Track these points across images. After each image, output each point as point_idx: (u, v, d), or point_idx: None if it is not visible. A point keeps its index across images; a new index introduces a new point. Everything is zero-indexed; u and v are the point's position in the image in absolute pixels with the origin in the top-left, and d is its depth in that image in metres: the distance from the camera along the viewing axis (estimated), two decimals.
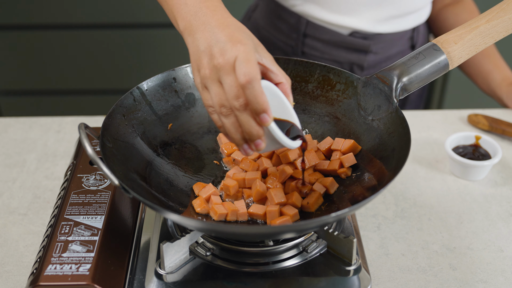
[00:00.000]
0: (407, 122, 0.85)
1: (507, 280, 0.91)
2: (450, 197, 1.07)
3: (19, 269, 0.92)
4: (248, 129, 0.75)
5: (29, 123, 1.26)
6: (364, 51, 1.32)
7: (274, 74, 0.79)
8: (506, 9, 0.90)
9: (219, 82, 0.75)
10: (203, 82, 0.76)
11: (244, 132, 0.76)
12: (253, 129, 0.75)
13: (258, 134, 0.76)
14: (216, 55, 0.74)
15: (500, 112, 1.28)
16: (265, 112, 0.73)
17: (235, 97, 0.73)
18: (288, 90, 0.80)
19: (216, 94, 0.75)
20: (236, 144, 0.78)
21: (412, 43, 1.38)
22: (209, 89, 0.76)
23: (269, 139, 0.78)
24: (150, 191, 0.86)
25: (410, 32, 1.36)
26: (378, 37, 1.31)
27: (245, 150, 0.78)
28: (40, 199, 1.06)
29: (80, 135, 0.80)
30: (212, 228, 0.80)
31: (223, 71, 0.73)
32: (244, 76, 0.71)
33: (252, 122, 0.75)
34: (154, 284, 0.82)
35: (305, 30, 1.32)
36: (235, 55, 0.73)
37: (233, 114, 0.75)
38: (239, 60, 0.72)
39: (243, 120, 0.75)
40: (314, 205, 0.87)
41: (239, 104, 0.73)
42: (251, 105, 0.73)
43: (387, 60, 1.36)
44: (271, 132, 0.76)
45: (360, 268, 0.84)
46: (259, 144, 0.76)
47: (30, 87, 2.24)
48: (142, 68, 2.20)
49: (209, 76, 0.75)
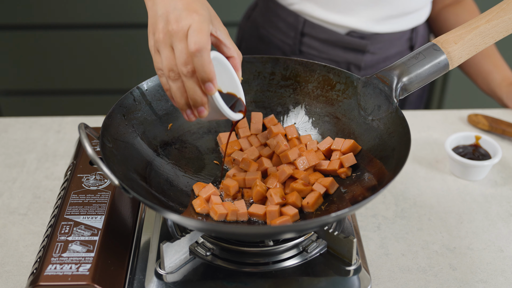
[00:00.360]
0: (407, 122, 0.85)
1: (507, 280, 0.91)
2: (450, 197, 1.07)
3: (19, 269, 0.92)
4: (193, 96, 0.78)
5: (29, 123, 1.26)
6: (361, 50, 1.32)
7: (226, 47, 0.83)
8: (506, 9, 0.90)
9: (170, 47, 0.78)
10: (156, 45, 0.79)
11: (189, 98, 0.79)
12: (197, 96, 0.78)
13: (202, 101, 0.79)
14: (171, 21, 0.77)
15: (500, 112, 1.28)
16: (210, 81, 0.77)
17: (184, 63, 0.76)
18: (238, 64, 0.84)
19: (166, 58, 0.78)
20: (179, 108, 0.82)
21: (411, 44, 1.38)
22: (161, 53, 0.79)
23: (212, 108, 0.81)
24: (150, 191, 0.86)
25: (408, 33, 1.35)
26: (375, 37, 1.31)
27: (188, 116, 0.82)
28: (40, 199, 1.06)
29: (80, 135, 0.80)
30: (212, 228, 0.80)
31: (176, 37, 0.76)
32: (195, 44, 0.74)
33: (197, 89, 0.78)
34: (154, 284, 0.82)
35: (303, 29, 1.32)
36: (189, 24, 0.76)
37: (180, 79, 0.79)
38: (192, 29, 0.75)
39: (189, 86, 0.78)
40: (314, 205, 0.87)
41: (187, 71, 0.77)
42: (198, 73, 0.76)
43: (385, 60, 1.36)
44: (214, 102, 0.80)
45: (360, 268, 0.84)
46: (201, 111, 0.80)
47: (30, 87, 2.24)
48: (142, 68, 2.20)
49: (162, 40, 0.78)
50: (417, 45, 1.39)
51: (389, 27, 1.31)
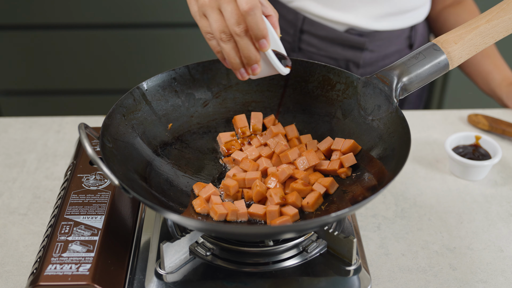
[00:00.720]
0: (407, 122, 0.85)
1: (507, 280, 0.91)
2: (450, 197, 1.07)
3: (19, 269, 0.92)
4: (247, 53, 0.80)
5: (29, 123, 1.26)
6: (359, 48, 1.33)
7: (264, 7, 0.84)
8: (506, 9, 0.90)
9: (218, 10, 0.79)
10: (201, 10, 0.81)
11: (243, 56, 0.81)
12: (251, 54, 0.80)
13: (256, 58, 0.81)
14: None
15: (500, 112, 1.28)
16: (264, 38, 0.79)
17: (236, 23, 0.78)
18: (276, 22, 0.85)
19: (216, 21, 0.79)
20: (233, 68, 0.83)
21: (410, 42, 1.38)
22: (208, 16, 0.80)
23: (264, 65, 0.84)
24: (150, 191, 0.86)
25: (407, 31, 1.36)
26: (374, 34, 1.32)
27: (242, 74, 0.84)
28: (40, 199, 1.06)
29: (80, 135, 0.80)
30: (212, 228, 0.80)
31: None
32: (247, 3, 0.76)
33: (251, 46, 0.80)
34: (154, 284, 0.82)
35: (302, 26, 1.33)
36: None
37: (232, 39, 0.80)
38: None
39: (243, 45, 0.80)
40: (314, 205, 0.87)
41: (240, 30, 0.78)
42: (252, 31, 0.78)
43: (384, 58, 1.36)
44: (267, 57, 0.82)
45: (360, 268, 0.84)
46: (255, 68, 0.82)
47: (30, 87, 2.24)
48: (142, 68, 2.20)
49: (208, 4, 0.79)
50: (416, 43, 1.39)
51: (388, 25, 1.31)
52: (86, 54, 2.16)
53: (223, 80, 1.00)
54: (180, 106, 0.98)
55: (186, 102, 0.98)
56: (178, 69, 0.98)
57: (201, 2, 0.80)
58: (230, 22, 0.78)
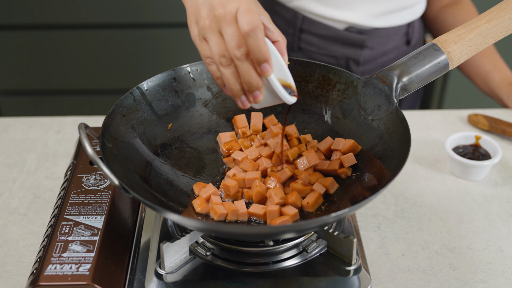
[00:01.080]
0: (407, 122, 0.85)
1: (507, 280, 0.91)
2: (450, 197, 1.07)
3: (19, 269, 0.92)
4: (248, 79, 0.75)
5: (29, 123, 1.26)
6: (359, 46, 1.33)
7: (271, 32, 0.80)
8: (506, 9, 0.90)
9: (219, 33, 0.75)
10: (201, 33, 0.76)
11: (243, 82, 0.76)
12: (253, 79, 0.75)
13: (258, 84, 0.76)
14: (216, 7, 0.74)
15: (500, 112, 1.28)
16: (266, 61, 0.74)
17: (237, 46, 0.74)
18: (283, 49, 0.81)
19: (216, 44, 0.75)
20: (233, 96, 0.79)
21: (407, 38, 1.39)
22: (208, 40, 0.76)
23: (267, 92, 0.78)
24: (150, 191, 0.86)
25: (405, 27, 1.37)
26: (373, 32, 1.32)
27: (243, 102, 0.79)
28: (40, 199, 1.06)
29: (80, 135, 0.80)
30: (212, 228, 0.80)
31: (224, 21, 0.74)
32: (247, 24, 0.72)
33: (252, 71, 0.75)
34: (154, 284, 0.82)
35: (301, 25, 1.33)
36: (236, 6, 0.73)
37: (233, 64, 0.76)
38: (241, 10, 0.73)
39: (243, 69, 0.75)
40: (314, 205, 0.87)
41: (241, 54, 0.74)
42: (253, 54, 0.73)
43: (383, 55, 1.37)
44: (270, 84, 0.76)
45: (360, 268, 0.84)
46: (257, 95, 0.77)
47: (30, 87, 2.24)
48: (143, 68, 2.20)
49: (209, 26, 0.75)
50: (413, 39, 1.40)
51: (387, 22, 1.32)
52: (86, 54, 2.16)
53: None
54: (180, 106, 0.98)
55: (186, 102, 0.98)
56: (178, 69, 0.98)
57: (201, 24, 0.76)
58: (231, 45, 0.74)
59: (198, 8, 0.76)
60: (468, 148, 1.13)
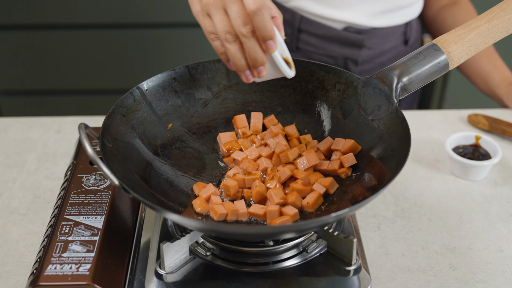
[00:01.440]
0: (407, 122, 0.85)
1: (507, 280, 0.91)
2: (450, 197, 1.07)
3: (19, 269, 0.92)
4: (254, 55, 0.78)
5: (29, 123, 1.26)
6: (358, 45, 1.33)
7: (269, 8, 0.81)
8: (506, 9, 0.90)
9: (223, 10, 0.77)
10: (205, 9, 0.78)
11: (248, 58, 0.79)
12: (258, 55, 0.78)
13: (262, 60, 0.79)
14: None
15: (500, 112, 1.28)
16: (271, 39, 0.76)
17: (243, 23, 0.76)
18: (280, 24, 0.83)
19: (221, 21, 0.77)
20: (238, 70, 0.81)
21: (405, 38, 1.39)
22: (213, 16, 0.78)
23: (270, 67, 0.82)
24: (150, 191, 0.86)
25: (403, 27, 1.37)
26: (372, 31, 1.32)
27: (247, 76, 0.81)
28: (40, 199, 1.06)
29: (80, 135, 0.80)
30: (212, 228, 0.80)
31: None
32: (254, 3, 0.74)
33: (258, 48, 0.78)
34: (154, 284, 0.82)
35: (300, 26, 1.33)
36: None
37: (238, 40, 0.78)
38: None
39: (249, 46, 0.77)
40: (314, 205, 0.87)
41: (247, 31, 0.76)
42: (259, 32, 0.76)
43: (381, 55, 1.37)
44: (273, 59, 0.80)
45: (360, 268, 0.84)
46: (261, 70, 0.80)
47: (30, 87, 2.24)
48: (142, 68, 2.20)
49: (213, 3, 0.77)
50: (411, 39, 1.40)
51: (385, 22, 1.32)
52: (86, 54, 2.16)
53: (223, 80, 1.00)
54: (180, 106, 0.98)
55: (186, 102, 0.98)
56: (178, 69, 0.98)
57: (204, 1, 0.78)
58: (236, 23, 0.76)
59: None
60: (468, 148, 1.13)
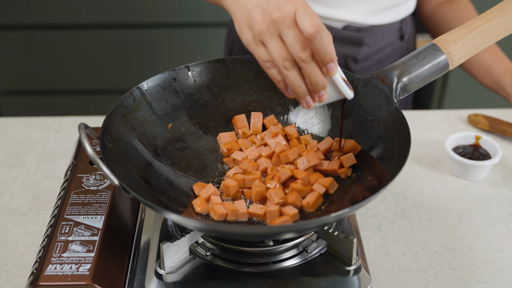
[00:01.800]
0: (407, 122, 0.85)
1: (507, 280, 0.91)
2: (450, 197, 1.07)
3: (19, 269, 0.92)
4: (315, 80, 0.76)
5: (29, 123, 1.26)
6: (358, 43, 1.33)
7: None
8: (506, 9, 0.90)
9: (278, 36, 0.75)
10: (258, 37, 0.76)
11: (309, 83, 0.77)
12: (319, 79, 0.77)
13: (324, 84, 0.77)
14: (272, 10, 0.74)
15: (500, 112, 1.28)
16: (332, 61, 0.75)
17: (301, 48, 0.74)
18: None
19: (277, 48, 0.75)
20: (298, 97, 0.80)
21: (401, 33, 1.40)
22: (267, 44, 0.76)
23: (330, 89, 0.80)
24: (150, 191, 0.86)
25: (399, 23, 1.38)
26: (370, 29, 1.33)
27: (307, 102, 0.80)
28: (40, 199, 1.06)
29: (80, 135, 0.80)
30: (212, 228, 0.80)
31: (284, 24, 0.74)
32: (311, 26, 0.72)
33: (318, 72, 0.76)
34: (154, 284, 0.82)
35: None
36: (294, 9, 0.73)
37: (296, 66, 0.76)
38: (301, 12, 0.73)
39: (310, 71, 0.76)
40: (314, 205, 0.87)
41: (306, 56, 0.75)
42: (320, 55, 0.74)
43: (379, 51, 1.37)
44: (334, 82, 0.79)
45: (360, 268, 0.84)
46: (322, 95, 0.78)
47: (30, 87, 2.24)
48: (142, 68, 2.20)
49: (267, 31, 0.75)
50: (407, 34, 1.41)
51: (383, 19, 1.33)
52: (86, 54, 2.16)
53: (223, 80, 1.00)
54: (180, 106, 0.98)
55: (186, 102, 0.98)
56: (178, 69, 0.98)
57: (257, 29, 0.75)
58: (294, 48, 0.74)
59: (250, 13, 0.76)
60: (468, 148, 1.13)
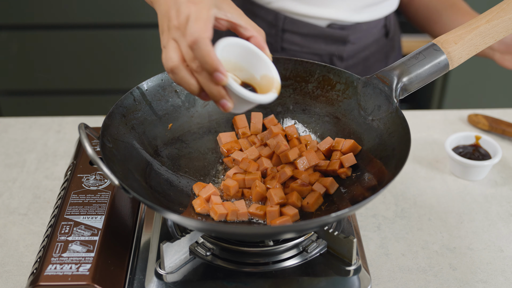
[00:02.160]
0: (407, 122, 0.85)
1: (507, 280, 0.91)
2: (450, 197, 1.07)
3: (19, 269, 0.92)
4: (209, 90, 0.73)
5: (29, 123, 1.26)
6: (342, 41, 1.33)
7: (243, 28, 0.77)
8: (506, 9, 0.90)
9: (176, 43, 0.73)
10: (162, 45, 0.75)
11: (207, 93, 0.74)
12: (213, 90, 0.73)
13: (220, 94, 0.73)
14: (172, 17, 0.72)
15: (500, 112, 1.29)
16: (216, 70, 0.70)
17: (192, 59, 0.71)
18: (261, 42, 0.78)
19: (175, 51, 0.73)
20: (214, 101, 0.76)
21: (386, 30, 1.39)
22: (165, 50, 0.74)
23: (236, 98, 0.75)
24: (150, 191, 0.86)
25: (383, 20, 1.37)
26: (355, 26, 1.32)
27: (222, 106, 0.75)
28: (40, 199, 1.06)
29: (80, 135, 0.80)
30: (212, 228, 0.80)
31: (178, 33, 0.72)
32: (190, 36, 0.70)
33: (209, 82, 0.72)
34: (154, 284, 0.82)
35: (283, 26, 1.32)
36: (187, 15, 0.71)
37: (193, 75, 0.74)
38: (190, 20, 0.70)
39: (201, 80, 0.73)
40: (314, 205, 0.87)
41: (196, 66, 0.72)
42: (202, 66, 0.71)
43: (364, 49, 1.37)
44: (233, 91, 0.73)
45: (360, 268, 0.84)
46: (224, 104, 0.74)
47: (30, 87, 2.24)
48: (142, 68, 2.20)
49: (167, 39, 0.73)
50: (391, 31, 1.40)
51: (367, 16, 1.32)
52: (86, 54, 2.16)
53: None
54: (180, 106, 0.98)
55: (186, 102, 0.98)
56: None
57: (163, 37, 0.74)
58: (186, 58, 0.71)
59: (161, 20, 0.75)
60: (468, 148, 1.13)
